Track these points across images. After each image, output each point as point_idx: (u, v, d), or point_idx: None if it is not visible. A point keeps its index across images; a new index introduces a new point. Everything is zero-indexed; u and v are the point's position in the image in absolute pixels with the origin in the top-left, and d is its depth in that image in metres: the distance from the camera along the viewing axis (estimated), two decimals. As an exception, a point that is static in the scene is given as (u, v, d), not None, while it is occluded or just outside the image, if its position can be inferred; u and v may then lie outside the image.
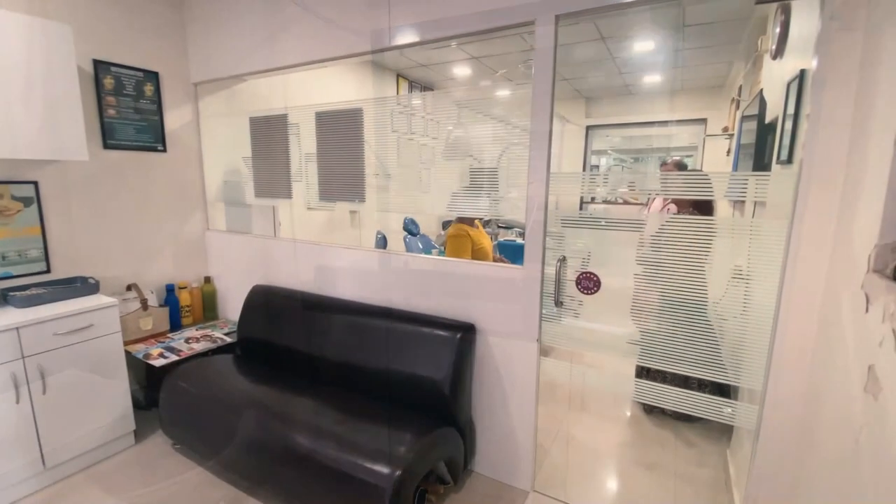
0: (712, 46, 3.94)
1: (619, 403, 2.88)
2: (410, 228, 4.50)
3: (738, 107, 3.74)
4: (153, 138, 2.76)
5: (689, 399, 1.76)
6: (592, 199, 6.18)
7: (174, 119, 2.87)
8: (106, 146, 2.54)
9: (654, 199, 2.75)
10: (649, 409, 2.73)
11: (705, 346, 1.67)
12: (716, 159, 5.13)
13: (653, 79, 5.16)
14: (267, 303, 2.62)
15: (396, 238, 4.62)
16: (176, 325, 2.88)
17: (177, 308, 2.89)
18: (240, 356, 2.60)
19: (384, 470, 1.60)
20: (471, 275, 2.06)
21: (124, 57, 2.58)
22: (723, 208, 3.30)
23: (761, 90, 2.44)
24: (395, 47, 2.10)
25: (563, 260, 1.86)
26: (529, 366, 1.98)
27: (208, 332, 2.84)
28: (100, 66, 2.48)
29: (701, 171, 4.74)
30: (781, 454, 1.51)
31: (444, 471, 1.98)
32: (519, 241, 4.39)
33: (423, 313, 2.18)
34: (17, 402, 1.91)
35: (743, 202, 2.68)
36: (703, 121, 5.50)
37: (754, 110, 2.52)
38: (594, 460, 2.34)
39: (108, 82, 2.52)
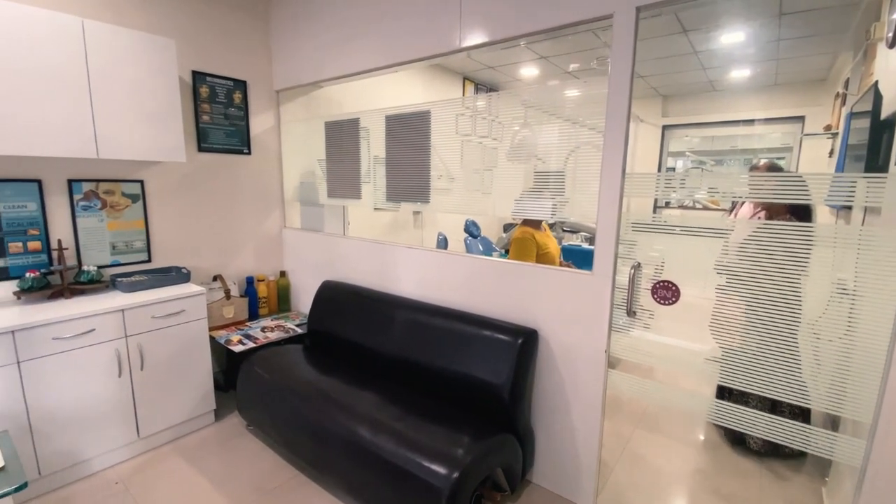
0: (813, 36, 3.55)
1: (694, 426, 2.67)
2: (472, 230, 4.50)
3: (843, 102, 3.33)
4: (240, 142, 3.00)
5: (776, 426, 1.58)
6: (667, 203, 5.83)
7: (258, 124, 3.09)
8: (200, 149, 2.80)
9: (743, 203, 2.52)
10: (738, 440, 2.45)
11: (799, 369, 1.49)
12: (814, 160, 4.62)
13: (742, 73, 4.74)
14: (335, 297, 2.74)
15: (457, 239, 4.65)
16: (254, 314, 3.10)
17: (255, 299, 3.11)
18: (309, 347, 2.74)
19: (442, 470, 1.59)
20: (535, 279, 2.01)
21: (218, 67, 2.83)
22: (822, 215, 2.96)
23: (875, 83, 2.15)
24: (466, 48, 2.10)
25: (637, 266, 1.75)
26: (596, 377, 1.89)
27: (282, 322, 3.02)
28: (197, 77, 2.73)
29: (794, 172, 4.29)
30: (891, 496, 1.31)
31: (501, 478, 1.94)
32: (585, 245, 4.22)
33: (484, 316, 2.16)
34: (120, 376, 2.15)
35: (849, 208, 2.38)
36: (801, 119, 4.97)
37: (866, 106, 2.22)
38: (664, 484, 2.18)
39: (204, 91, 2.77)
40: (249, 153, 3.06)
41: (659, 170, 6.06)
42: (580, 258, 3.67)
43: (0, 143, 1.87)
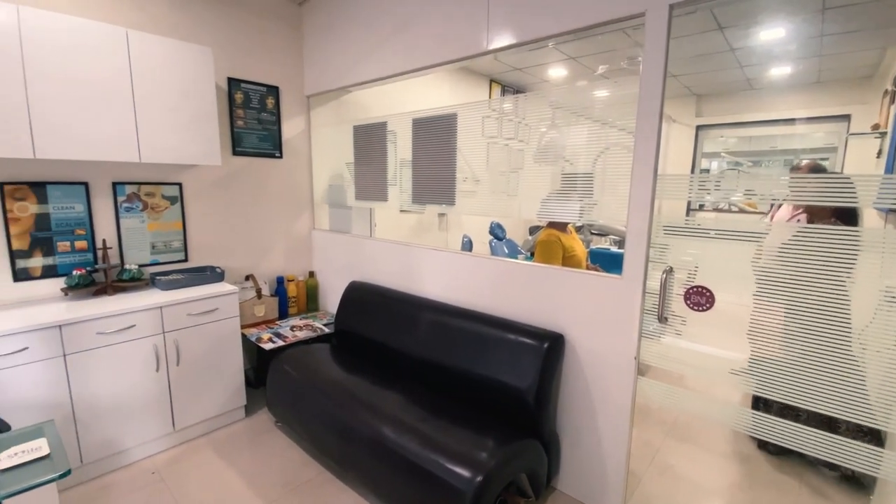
0: (859, 31, 3.38)
1: (726, 435, 2.57)
2: (496, 233, 4.47)
3: (893, 100, 3.15)
4: (272, 146, 3.08)
5: (814, 439, 1.50)
6: (701, 206, 5.64)
7: (290, 128, 3.17)
8: (234, 153, 2.89)
9: (780, 206, 2.41)
10: (775, 450, 2.36)
11: (845, 380, 1.42)
12: (861, 161, 4.38)
13: (782, 71, 4.55)
14: (361, 298, 2.78)
15: (482, 242, 4.63)
16: (283, 313, 3.18)
17: (285, 298, 3.19)
18: (336, 346, 2.78)
19: (466, 473, 1.59)
20: (562, 282, 1.98)
21: (252, 74, 2.92)
22: (870, 219, 2.80)
23: (930, 78, 2.03)
24: (493, 50, 2.10)
25: (669, 271, 1.71)
26: (624, 384, 1.84)
27: (310, 321, 3.08)
28: (232, 83, 2.82)
29: (840, 174, 4.08)
30: (950, 522, 1.23)
31: (525, 483, 1.92)
32: (613, 249, 4.13)
33: (509, 319, 2.14)
34: (157, 370, 2.24)
35: (899, 212, 2.24)
36: (846, 117, 4.73)
37: (919, 103, 2.10)
38: (695, 497, 2.11)
39: (239, 97, 2.87)
40: (281, 157, 3.14)
41: (692, 171, 5.88)
42: (608, 262, 3.60)
43: (54, 148, 1.99)
